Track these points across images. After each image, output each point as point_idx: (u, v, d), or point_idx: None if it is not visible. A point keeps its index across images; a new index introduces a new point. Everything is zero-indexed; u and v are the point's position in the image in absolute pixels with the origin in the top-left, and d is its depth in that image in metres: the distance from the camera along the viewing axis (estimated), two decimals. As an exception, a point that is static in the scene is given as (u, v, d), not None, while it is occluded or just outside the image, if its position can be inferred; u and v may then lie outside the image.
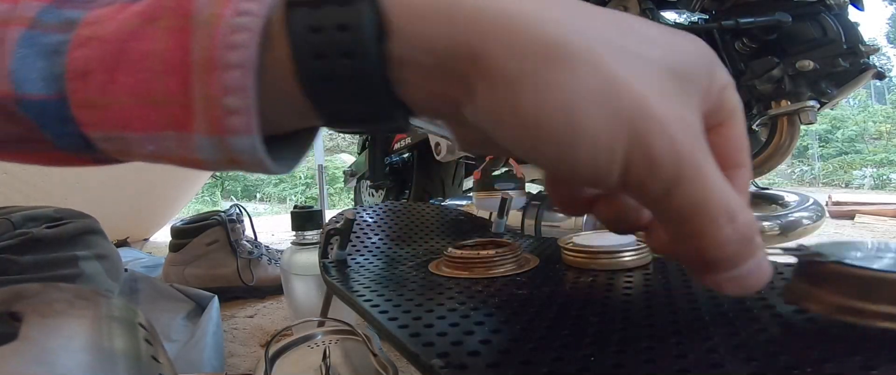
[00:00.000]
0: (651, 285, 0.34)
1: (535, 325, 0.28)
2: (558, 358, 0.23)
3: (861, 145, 9.79)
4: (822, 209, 0.69)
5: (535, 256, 0.45)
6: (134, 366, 0.21)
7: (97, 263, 0.49)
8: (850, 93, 0.58)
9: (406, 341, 0.27)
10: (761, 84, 0.56)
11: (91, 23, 0.16)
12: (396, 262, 0.50)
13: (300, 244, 0.76)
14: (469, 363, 0.24)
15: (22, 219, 0.47)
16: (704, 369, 0.21)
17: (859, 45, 0.52)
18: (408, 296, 0.37)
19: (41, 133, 0.17)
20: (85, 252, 0.48)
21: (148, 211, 1.92)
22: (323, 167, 4.56)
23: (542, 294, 0.34)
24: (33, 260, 0.44)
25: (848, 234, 1.73)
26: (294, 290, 0.75)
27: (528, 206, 0.77)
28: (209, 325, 0.71)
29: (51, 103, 0.16)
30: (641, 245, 0.39)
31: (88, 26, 0.16)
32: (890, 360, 0.19)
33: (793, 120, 0.57)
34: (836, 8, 0.54)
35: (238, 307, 0.98)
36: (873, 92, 15.26)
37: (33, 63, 0.15)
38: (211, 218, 1.07)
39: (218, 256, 1.05)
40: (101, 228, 0.53)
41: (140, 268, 1.23)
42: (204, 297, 0.87)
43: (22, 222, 0.46)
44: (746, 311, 0.27)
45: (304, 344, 0.47)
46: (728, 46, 0.57)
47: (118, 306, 0.25)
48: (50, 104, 0.16)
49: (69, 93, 0.16)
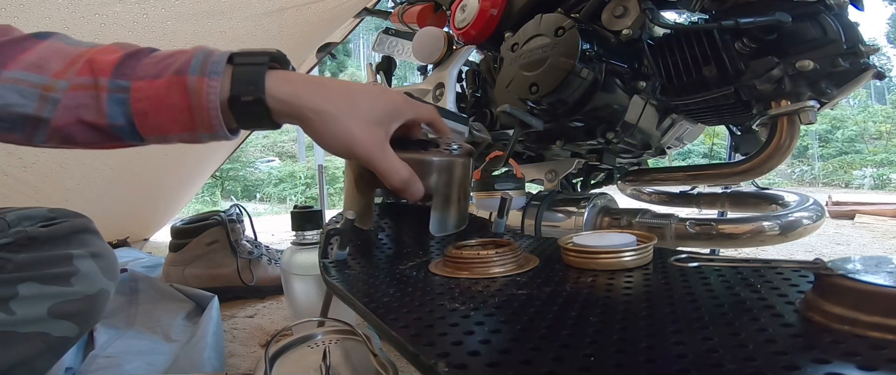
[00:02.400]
0: (651, 285, 0.34)
1: (535, 325, 0.28)
2: (558, 358, 0.23)
3: (861, 145, 9.79)
4: (822, 209, 0.69)
5: (535, 256, 0.45)
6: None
7: (92, 261, 0.48)
8: (850, 93, 0.58)
9: (406, 341, 0.27)
10: (761, 84, 0.56)
11: (137, 90, 0.37)
12: (396, 262, 0.50)
13: (300, 244, 0.76)
14: (469, 363, 0.24)
15: (17, 219, 0.46)
16: (704, 369, 0.21)
17: (859, 45, 0.52)
18: (408, 296, 0.37)
19: (121, 140, 0.39)
20: (80, 250, 0.48)
21: (148, 211, 1.92)
22: (323, 167, 4.56)
23: (542, 294, 0.34)
24: (28, 259, 0.44)
25: (848, 234, 1.73)
26: (294, 290, 0.75)
27: (528, 206, 0.77)
28: (209, 325, 0.72)
29: (126, 127, 0.38)
30: (641, 245, 0.39)
31: (138, 91, 0.37)
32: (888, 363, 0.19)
33: (793, 120, 0.57)
34: (836, 8, 0.54)
35: (238, 307, 0.98)
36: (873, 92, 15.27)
37: (115, 108, 0.37)
38: (211, 218, 1.07)
39: (218, 256, 1.04)
40: (95, 227, 0.52)
41: (140, 268, 1.23)
42: (204, 297, 0.87)
43: (17, 221, 0.46)
44: (746, 311, 0.27)
45: (304, 344, 0.47)
46: (728, 46, 0.57)
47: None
48: (126, 128, 0.38)
49: (137, 124, 0.38)
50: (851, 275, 0.23)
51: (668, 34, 0.62)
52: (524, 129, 0.68)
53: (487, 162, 0.70)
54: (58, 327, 0.44)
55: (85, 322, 0.47)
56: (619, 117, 0.66)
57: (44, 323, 0.43)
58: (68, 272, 0.46)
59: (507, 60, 0.71)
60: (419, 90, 0.90)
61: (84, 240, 0.49)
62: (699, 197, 0.92)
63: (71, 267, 0.46)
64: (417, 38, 0.92)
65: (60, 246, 0.47)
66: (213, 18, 1.04)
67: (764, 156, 0.60)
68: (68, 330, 0.45)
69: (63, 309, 0.44)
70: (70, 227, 0.49)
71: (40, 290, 0.43)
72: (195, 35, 1.06)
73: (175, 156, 1.58)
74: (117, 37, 0.96)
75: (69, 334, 0.46)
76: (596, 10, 0.65)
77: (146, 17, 0.96)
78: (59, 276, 0.45)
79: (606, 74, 0.63)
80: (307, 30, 1.28)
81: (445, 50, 0.88)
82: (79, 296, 0.46)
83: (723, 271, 0.34)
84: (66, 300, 0.45)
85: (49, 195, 1.28)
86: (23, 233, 0.45)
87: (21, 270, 0.43)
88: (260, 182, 10.62)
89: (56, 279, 0.45)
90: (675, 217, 0.67)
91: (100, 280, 0.49)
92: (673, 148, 0.83)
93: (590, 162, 0.82)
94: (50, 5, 0.84)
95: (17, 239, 0.44)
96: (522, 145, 0.81)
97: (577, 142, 0.72)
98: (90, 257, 0.48)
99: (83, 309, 0.46)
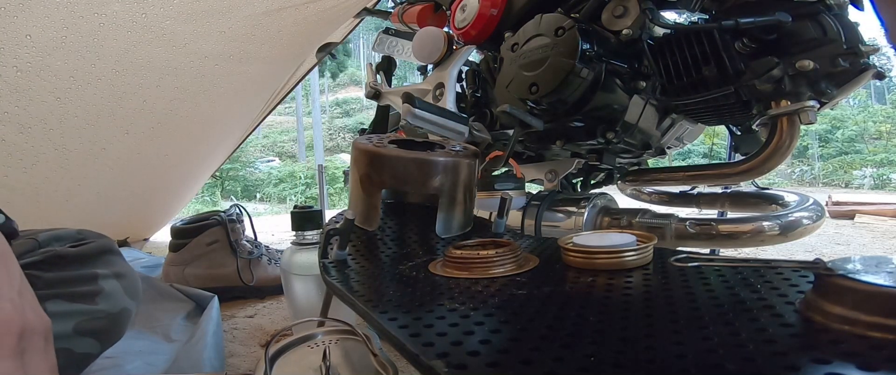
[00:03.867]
0: (651, 285, 0.34)
1: (535, 325, 0.28)
2: (558, 358, 0.23)
3: (861, 145, 9.78)
4: (822, 209, 0.69)
5: (535, 256, 0.45)
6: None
7: (116, 281, 0.50)
8: (850, 93, 0.58)
9: (406, 341, 0.27)
10: (761, 84, 0.56)
11: None
12: (396, 262, 0.50)
13: (300, 244, 0.76)
14: (469, 363, 0.24)
15: (47, 239, 0.49)
16: (704, 369, 0.21)
17: (859, 45, 0.52)
18: (408, 296, 0.37)
19: None
20: (105, 270, 0.50)
21: (148, 211, 1.92)
22: (323, 167, 4.56)
23: (542, 294, 0.34)
24: (57, 277, 0.46)
25: (848, 234, 1.73)
26: (294, 290, 0.75)
27: (528, 206, 0.77)
28: (209, 325, 0.72)
29: None
30: (641, 245, 0.39)
31: None
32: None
33: (793, 120, 0.57)
34: (836, 8, 0.54)
35: (238, 307, 0.98)
36: (873, 92, 15.25)
37: None
38: (211, 218, 1.07)
39: (218, 256, 1.04)
40: (118, 249, 0.55)
41: (140, 268, 1.23)
42: (204, 297, 0.87)
43: (47, 241, 0.48)
44: (746, 311, 0.27)
45: (304, 344, 0.47)
46: (728, 46, 0.57)
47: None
48: None
49: None
50: (851, 275, 0.23)
51: (668, 34, 0.62)
52: (524, 129, 0.68)
53: (487, 162, 0.71)
54: (81, 344, 0.46)
55: (107, 339, 0.49)
56: (619, 117, 0.66)
57: (68, 340, 0.44)
58: (94, 291, 0.48)
59: (507, 60, 0.71)
60: (419, 90, 0.90)
61: (109, 261, 0.52)
62: (699, 197, 0.92)
63: (96, 286, 0.48)
64: (417, 38, 0.91)
65: (87, 265, 0.49)
66: (212, 18, 1.04)
67: (764, 156, 0.60)
68: (91, 347, 0.47)
69: (87, 326, 0.46)
70: (96, 248, 0.51)
71: (67, 307, 0.45)
72: (194, 35, 1.06)
73: (175, 156, 1.58)
74: (117, 36, 0.96)
75: (92, 351, 0.47)
76: (596, 10, 0.65)
77: (145, 17, 0.96)
78: (85, 295, 0.47)
79: (606, 74, 0.63)
80: (307, 30, 1.28)
81: (445, 50, 0.88)
82: (102, 315, 0.47)
83: (723, 271, 0.34)
84: (90, 318, 0.46)
85: (50, 196, 1.28)
86: (52, 252, 0.47)
87: (50, 287, 0.45)
88: (260, 182, 10.62)
89: (82, 297, 0.46)
90: (675, 217, 0.67)
91: (122, 299, 0.50)
92: (673, 148, 0.83)
93: (590, 162, 0.82)
94: (50, 5, 0.84)
95: (46, 257, 0.46)
96: (522, 145, 0.81)
97: (577, 142, 0.72)
98: (114, 277, 0.51)
99: (106, 327, 0.48)
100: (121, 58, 1.03)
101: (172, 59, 1.10)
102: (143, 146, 1.38)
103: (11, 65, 0.91)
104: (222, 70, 1.23)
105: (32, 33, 0.88)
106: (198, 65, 1.16)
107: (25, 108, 1.01)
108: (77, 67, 0.99)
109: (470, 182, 0.56)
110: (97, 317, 0.47)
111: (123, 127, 1.25)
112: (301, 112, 15.35)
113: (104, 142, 1.25)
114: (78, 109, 1.09)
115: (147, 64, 1.08)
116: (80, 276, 0.47)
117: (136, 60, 1.05)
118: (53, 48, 0.92)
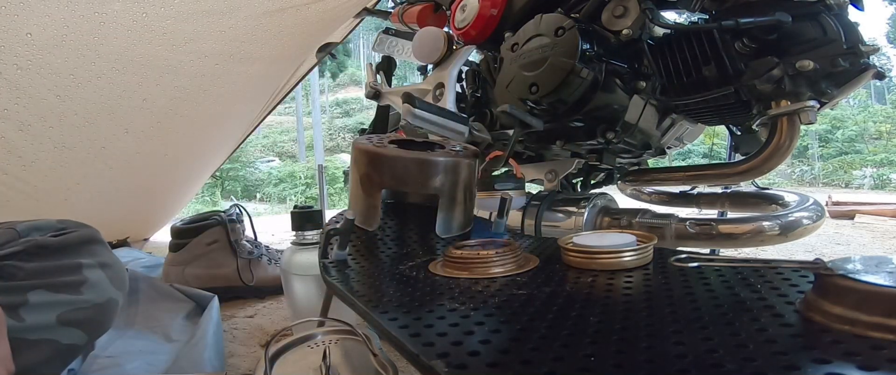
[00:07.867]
0: (651, 285, 0.34)
1: (535, 325, 0.28)
2: (558, 358, 0.23)
3: (861, 145, 9.79)
4: (822, 209, 0.69)
5: (535, 256, 0.45)
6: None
7: (101, 271, 0.49)
8: (850, 93, 0.58)
9: (406, 341, 0.27)
10: (761, 84, 0.56)
11: None
12: (396, 262, 0.50)
13: (300, 244, 0.75)
14: (469, 363, 0.24)
15: (27, 229, 0.47)
16: (704, 369, 0.21)
17: (859, 45, 0.52)
18: (408, 296, 0.37)
19: None
20: (89, 260, 0.49)
21: (148, 212, 1.92)
22: (323, 167, 4.56)
23: (542, 294, 0.34)
24: (39, 267, 0.45)
25: (848, 234, 1.73)
26: (294, 290, 0.75)
27: (528, 206, 0.77)
28: (209, 325, 0.71)
29: None
30: (641, 245, 0.39)
31: None
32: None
33: (793, 120, 0.57)
34: (836, 8, 0.54)
35: (238, 307, 0.98)
36: (873, 92, 15.26)
37: None
38: (211, 218, 1.07)
39: (218, 256, 1.04)
40: (102, 238, 0.53)
41: (140, 268, 1.23)
42: (204, 297, 0.87)
43: (27, 231, 0.47)
44: (746, 311, 0.27)
45: (304, 344, 0.47)
46: (728, 46, 0.57)
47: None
48: None
49: None
50: (851, 275, 0.23)
51: (668, 34, 0.62)
52: (524, 129, 0.68)
53: (487, 162, 0.70)
54: (66, 334, 0.45)
55: (94, 330, 0.48)
56: (619, 117, 0.66)
57: (53, 331, 0.44)
58: (78, 281, 0.47)
59: (507, 60, 0.71)
60: (419, 90, 0.90)
61: (93, 250, 0.50)
62: (699, 197, 0.92)
63: (80, 275, 0.47)
64: (417, 38, 0.91)
65: (70, 255, 0.48)
66: (213, 18, 1.04)
67: (764, 156, 0.60)
68: (77, 338, 0.46)
69: (72, 316, 0.45)
70: (79, 237, 0.49)
71: (50, 298, 0.44)
72: (194, 34, 1.06)
73: (175, 156, 1.58)
74: (117, 34, 0.96)
75: (78, 342, 0.46)
76: (596, 10, 0.65)
77: (145, 16, 0.96)
78: (68, 285, 0.46)
79: (606, 74, 0.63)
80: (307, 30, 1.28)
81: (445, 50, 0.88)
82: (88, 305, 0.46)
83: (723, 271, 0.34)
84: (75, 308, 0.45)
85: (49, 194, 1.28)
86: (33, 242, 0.45)
87: (31, 278, 0.44)
88: (260, 182, 10.62)
89: (66, 287, 0.45)
90: (675, 217, 0.67)
91: (108, 289, 0.49)
92: (673, 148, 0.83)
93: (590, 162, 0.82)
94: (50, 3, 0.84)
95: (27, 247, 0.45)
96: (522, 145, 0.81)
97: (577, 142, 0.72)
98: (99, 267, 0.49)
99: (92, 318, 0.47)
100: (121, 56, 1.03)
101: (172, 57, 1.10)
102: (143, 145, 1.38)
103: (12, 63, 0.91)
104: (222, 69, 1.23)
105: (33, 31, 0.88)
106: (198, 65, 1.16)
107: (25, 106, 1.01)
108: (77, 65, 0.99)
109: (470, 182, 0.56)
110: (82, 308, 0.46)
111: (123, 125, 1.25)
112: (301, 112, 15.35)
113: (104, 141, 1.25)
114: (78, 107, 1.09)
115: (147, 62, 1.08)
116: (63, 266, 0.46)
117: (136, 59, 1.05)
118: (54, 46, 0.92)
